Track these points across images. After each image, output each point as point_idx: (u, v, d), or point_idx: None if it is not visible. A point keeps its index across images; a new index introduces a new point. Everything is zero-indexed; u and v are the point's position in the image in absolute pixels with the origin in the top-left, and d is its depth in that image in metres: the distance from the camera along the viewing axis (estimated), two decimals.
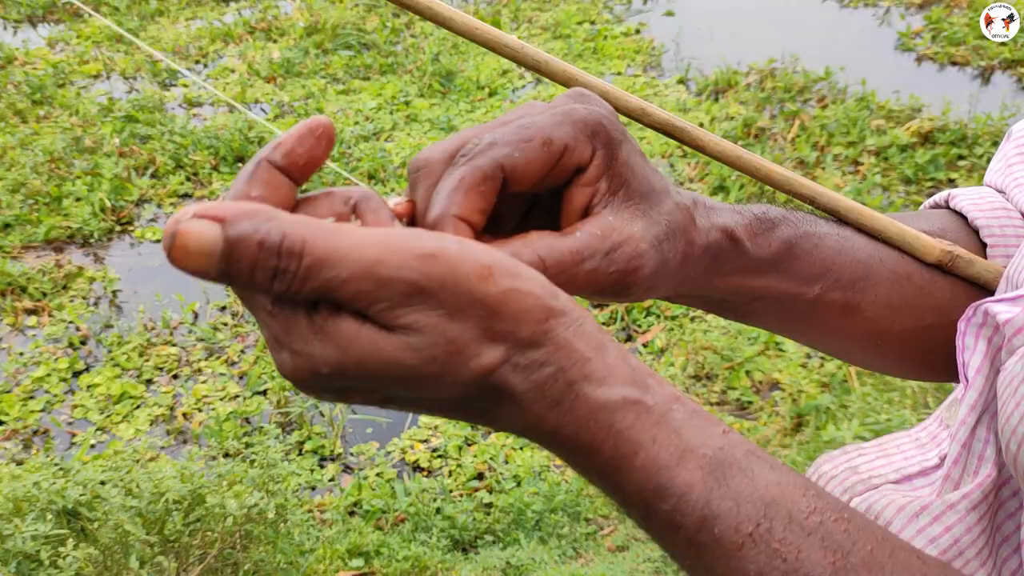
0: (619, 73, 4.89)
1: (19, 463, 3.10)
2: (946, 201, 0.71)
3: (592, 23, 5.34)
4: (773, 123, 4.37)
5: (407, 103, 4.72)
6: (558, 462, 3.01)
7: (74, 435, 3.23)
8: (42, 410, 3.34)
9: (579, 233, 0.48)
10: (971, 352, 0.56)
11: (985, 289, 0.67)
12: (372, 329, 0.40)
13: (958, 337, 0.57)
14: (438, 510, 2.84)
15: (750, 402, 3.12)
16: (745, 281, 0.58)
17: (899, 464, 0.60)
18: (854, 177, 4.02)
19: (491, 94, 4.76)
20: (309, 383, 0.41)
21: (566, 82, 0.67)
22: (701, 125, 4.35)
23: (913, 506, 0.55)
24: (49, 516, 1.95)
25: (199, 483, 2.14)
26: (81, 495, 2.01)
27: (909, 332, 0.64)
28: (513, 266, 0.42)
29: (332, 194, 0.46)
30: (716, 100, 4.58)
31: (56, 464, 3.04)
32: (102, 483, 2.21)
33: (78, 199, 4.09)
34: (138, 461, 3.05)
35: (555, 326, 0.42)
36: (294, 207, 0.45)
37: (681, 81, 4.78)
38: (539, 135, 0.47)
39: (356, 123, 4.58)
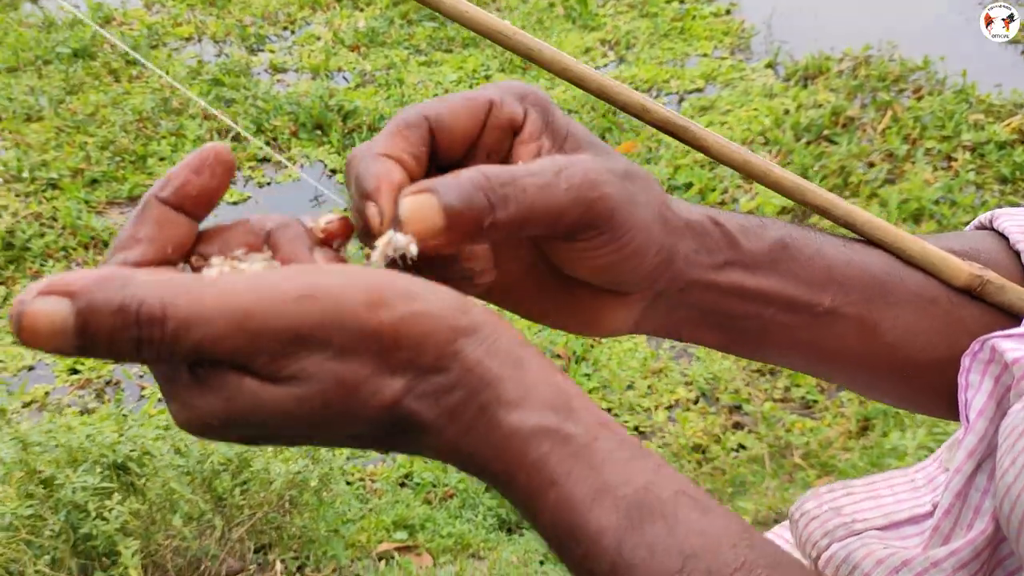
0: (705, 55, 4.77)
1: (90, 411, 3.21)
2: (991, 221, 0.65)
3: (681, 2, 5.21)
4: (863, 113, 4.20)
5: (487, 77, 4.69)
6: None
7: (143, 388, 3.33)
8: (115, 362, 3.44)
9: (522, 160, 0.46)
10: (975, 391, 0.51)
11: (1020, 318, 0.62)
12: (254, 381, 0.37)
13: (961, 373, 0.51)
14: (487, 488, 2.83)
15: (815, 401, 3.03)
16: (746, 280, 0.53)
17: (889, 508, 0.55)
18: (946, 173, 3.84)
19: None
20: (203, 433, 0.39)
21: (560, 72, 0.63)
22: (787, 112, 4.22)
23: (894, 560, 0.50)
24: (99, 469, 2.01)
25: (246, 447, 2.18)
26: (132, 451, 2.06)
27: (941, 363, 0.57)
28: (408, 286, 0.38)
29: (246, 223, 0.43)
30: (805, 86, 4.42)
31: (124, 415, 3.14)
32: (165, 436, 2.27)
33: (162, 159, 4.19)
34: None
35: (464, 346, 0.38)
36: (200, 238, 0.43)
37: (770, 65, 4.62)
38: (462, 94, 0.47)
39: (435, 96, 4.57)
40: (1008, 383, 0.49)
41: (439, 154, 0.46)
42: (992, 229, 0.63)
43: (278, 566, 2.39)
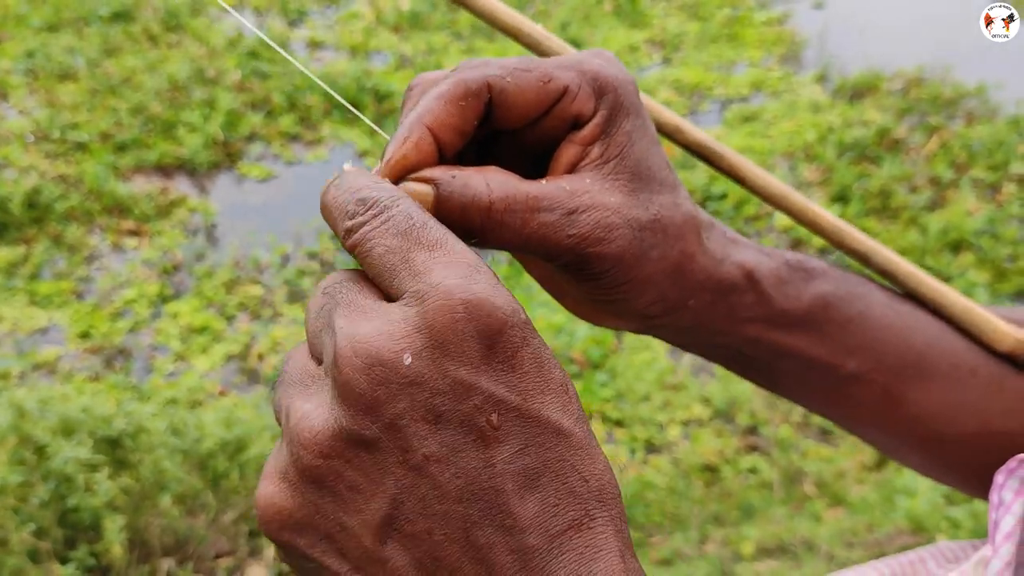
0: (754, 63, 4.66)
1: (98, 378, 3.18)
2: None
3: (734, 7, 5.10)
4: (911, 135, 4.08)
5: None
6: (621, 459, 2.90)
7: (153, 359, 3.29)
8: (130, 330, 3.41)
9: (545, 182, 0.42)
10: (1005, 510, 0.45)
11: None
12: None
13: (993, 489, 0.46)
14: None
15: (834, 429, 2.93)
16: (767, 334, 0.49)
17: None
18: (990, 204, 3.72)
19: None
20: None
21: None
22: (831, 129, 4.10)
23: None
24: (91, 442, 1.96)
25: (245, 429, 2.13)
26: (127, 425, 2.02)
27: (969, 439, 0.53)
28: None
29: None
30: (852, 103, 4.30)
31: (133, 386, 3.11)
32: (162, 414, 2.23)
33: (192, 128, 4.16)
34: (209, 394, 3.09)
35: None
36: None
37: (819, 79, 4.51)
38: (540, 69, 0.43)
39: None
40: None
41: (490, 121, 0.43)
42: None
43: (270, 552, 2.34)
